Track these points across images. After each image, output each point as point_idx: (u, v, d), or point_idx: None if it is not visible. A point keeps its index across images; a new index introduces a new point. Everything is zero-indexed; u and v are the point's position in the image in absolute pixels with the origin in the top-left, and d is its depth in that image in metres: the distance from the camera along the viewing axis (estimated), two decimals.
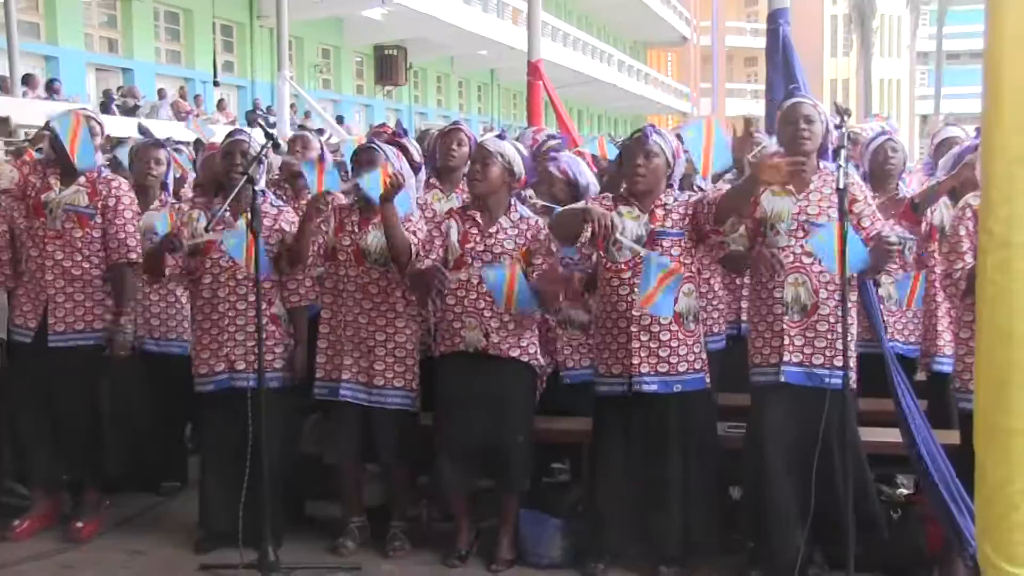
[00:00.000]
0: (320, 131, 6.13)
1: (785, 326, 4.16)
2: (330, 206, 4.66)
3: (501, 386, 4.43)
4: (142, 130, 5.59)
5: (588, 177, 5.02)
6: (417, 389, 4.61)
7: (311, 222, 4.55)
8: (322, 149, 5.81)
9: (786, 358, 4.15)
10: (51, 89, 19.20)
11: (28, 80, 18.75)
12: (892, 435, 4.29)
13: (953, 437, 4.19)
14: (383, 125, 5.55)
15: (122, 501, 5.17)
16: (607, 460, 4.39)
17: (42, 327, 4.76)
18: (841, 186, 3.73)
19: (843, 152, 3.79)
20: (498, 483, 4.56)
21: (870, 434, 4.38)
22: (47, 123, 6.11)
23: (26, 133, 15.52)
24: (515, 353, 4.43)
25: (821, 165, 4.26)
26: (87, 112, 4.99)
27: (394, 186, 4.33)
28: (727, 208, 4.13)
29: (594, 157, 5.74)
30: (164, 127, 17.01)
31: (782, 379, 4.15)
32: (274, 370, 4.58)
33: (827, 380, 4.09)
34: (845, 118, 3.98)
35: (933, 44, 49.89)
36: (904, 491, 5.04)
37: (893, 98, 56.12)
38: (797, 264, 4.16)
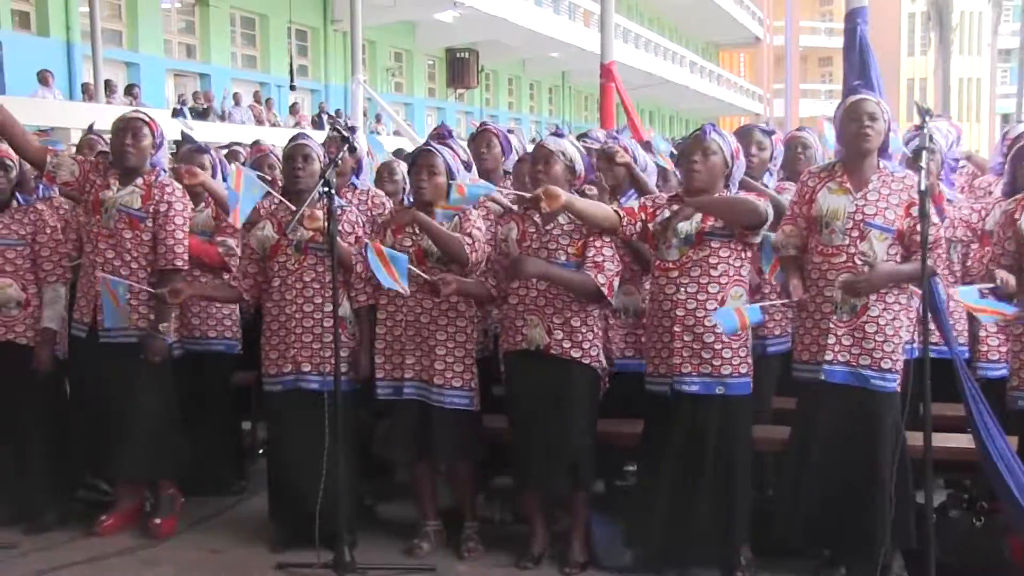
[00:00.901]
0: (352, 129, 6.13)
1: (832, 325, 4.11)
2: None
3: (563, 386, 4.42)
4: (185, 135, 5.66)
5: (646, 159, 5.03)
6: (476, 388, 4.61)
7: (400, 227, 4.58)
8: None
9: (830, 357, 4.11)
10: (130, 94, 19.65)
11: (108, 86, 19.22)
12: (958, 441, 4.25)
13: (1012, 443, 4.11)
14: (442, 125, 5.58)
15: (198, 500, 5.25)
16: (652, 461, 4.38)
17: (94, 322, 4.84)
18: (923, 187, 3.67)
19: (924, 154, 3.71)
20: (566, 484, 4.53)
21: (941, 440, 4.28)
22: (90, 126, 6.29)
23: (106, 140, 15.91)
24: (576, 354, 4.41)
25: (881, 165, 4.19)
26: (141, 115, 5.01)
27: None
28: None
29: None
30: (240, 131, 17.35)
31: (822, 377, 4.11)
32: (343, 372, 4.60)
33: (873, 382, 4.06)
34: (927, 118, 3.90)
35: (1016, 41, 48.63)
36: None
37: (972, 97, 54.91)
38: (849, 264, 4.10)
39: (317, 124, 22.47)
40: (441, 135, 5.27)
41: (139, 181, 4.84)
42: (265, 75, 26.10)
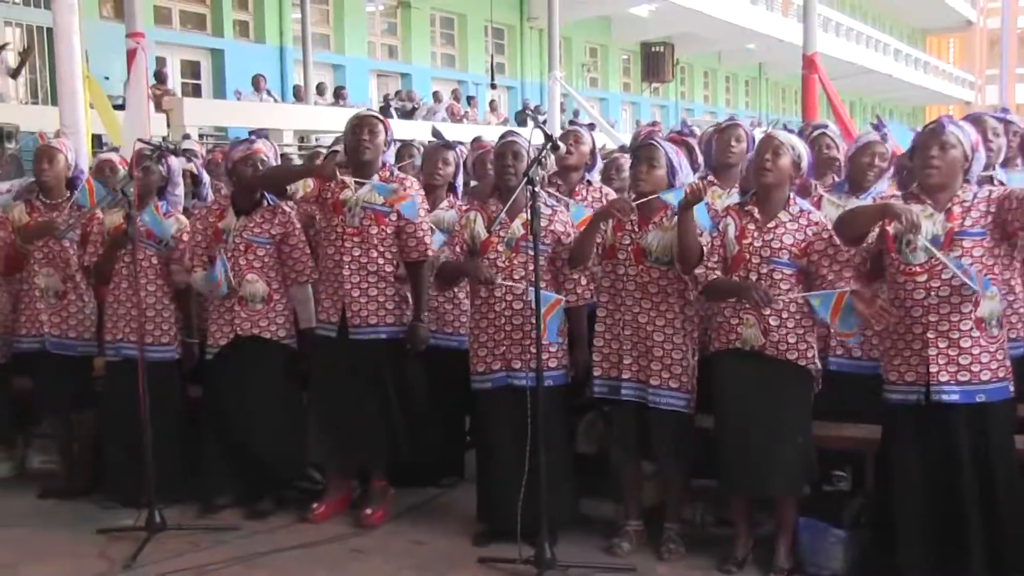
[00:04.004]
0: (591, 125, 6.10)
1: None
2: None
3: (776, 388, 4.30)
4: (435, 132, 5.79)
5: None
6: (693, 391, 4.54)
7: (599, 223, 4.56)
8: (593, 146, 5.80)
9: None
10: (338, 96, 20.45)
11: (318, 88, 20.08)
12: None
13: None
14: (654, 123, 5.50)
15: (403, 492, 5.37)
16: (901, 472, 4.17)
17: (343, 321, 5.00)
18: None
19: None
20: (776, 488, 4.42)
21: None
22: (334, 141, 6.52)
23: (317, 139, 16.61)
24: (792, 356, 4.28)
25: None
26: (374, 113, 5.18)
27: (695, 193, 4.29)
28: None
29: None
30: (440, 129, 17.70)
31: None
32: (550, 368, 4.62)
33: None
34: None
35: None
36: None
37: None
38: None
39: (519, 121, 22.74)
40: (681, 132, 5.22)
41: (375, 179, 4.97)
42: (463, 73, 26.65)
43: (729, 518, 4.66)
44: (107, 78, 13.53)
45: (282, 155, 5.37)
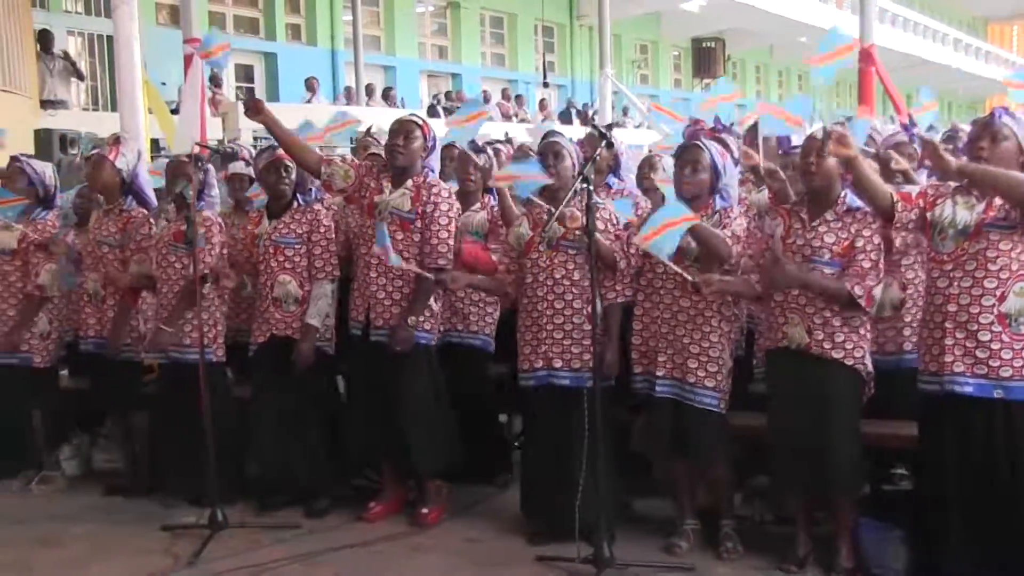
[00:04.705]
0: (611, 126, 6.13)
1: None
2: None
3: (823, 387, 4.26)
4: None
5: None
6: (726, 390, 4.52)
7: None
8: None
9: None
10: (387, 97, 20.57)
11: (368, 89, 20.22)
12: None
13: None
14: (697, 122, 5.46)
15: (458, 491, 5.39)
16: (930, 466, 4.16)
17: (368, 320, 5.04)
18: None
19: None
20: (827, 488, 4.37)
21: None
22: (368, 129, 6.59)
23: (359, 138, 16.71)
24: (838, 355, 4.24)
25: None
26: (415, 118, 5.18)
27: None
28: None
29: None
30: (490, 127, 17.76)
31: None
32: (590, 368, 4.59)
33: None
34: None
35: None
36: None
37: None
38: None
39: (564, 119, 22.71)
40: (716, 128, 5.20)
41: (409, 183, 5.00)
42: (513, 72, 26.69)
43: (788, 516, 4.63)
44: (164, 83, 13.73)
45: (338, 158, 5.37)
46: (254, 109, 5.03)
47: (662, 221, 4.19)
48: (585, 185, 4.32)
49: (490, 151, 5.86)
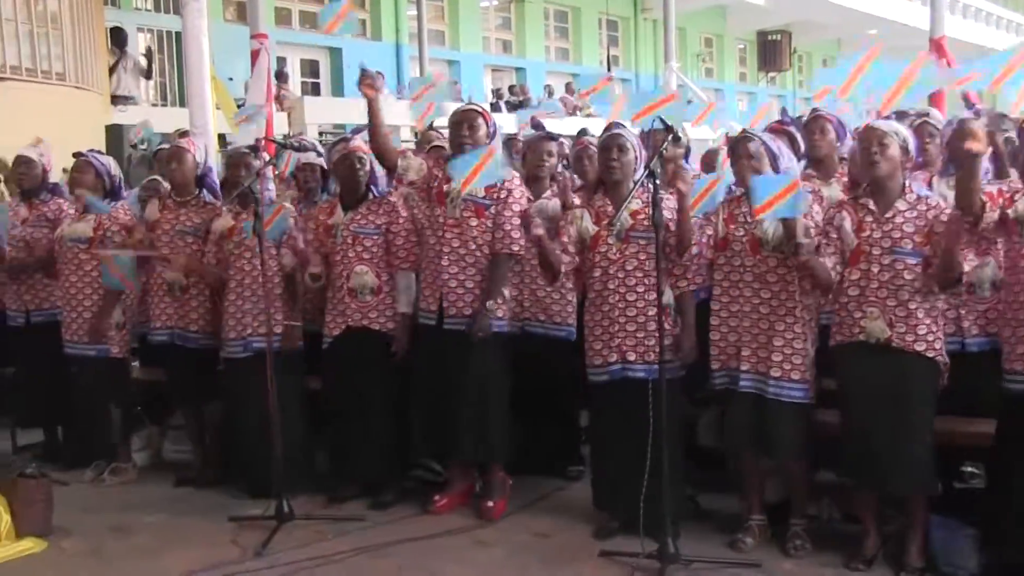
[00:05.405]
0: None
1: None
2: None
3: (903, 381, 4.18)
4: (535, 124, 5.78)
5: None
6: (812, 381, 4.45)
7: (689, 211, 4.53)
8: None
9: None
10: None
11: None
12: None
13: None
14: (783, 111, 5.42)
15: (525, 484, 5.40)
16: (1009, 466, 4.07)
17: (441, 310, 5.05)
18: None
19: None
20: (905, 485, 4.29)
21: None
22: (430, 124, 6.59)
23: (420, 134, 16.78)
24: (920, 347, 4.16)
25: None
26: (476, 107, 5.22)
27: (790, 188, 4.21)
28: None
29: None
30: (553, 123, 17.71)
31: None
32: (665, 360, 4.58)
33: None
34: None
35: None
36: None
37: None
38: None
39: None
40: (782, 122, 5.15)
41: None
42: (577, 66, 26.57)
43: (855, 514, 4.56)
44: (231, 79, 13.91)
45: (401, 151, 5.39)
46: (369, 85, 4.98)
47: (770, 194, 4.12)
48: (652, 179, 4.29)
49: (565, 141, 5.83)
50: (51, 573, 4.63)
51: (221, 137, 10.29)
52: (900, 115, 5.12)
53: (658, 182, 4.33)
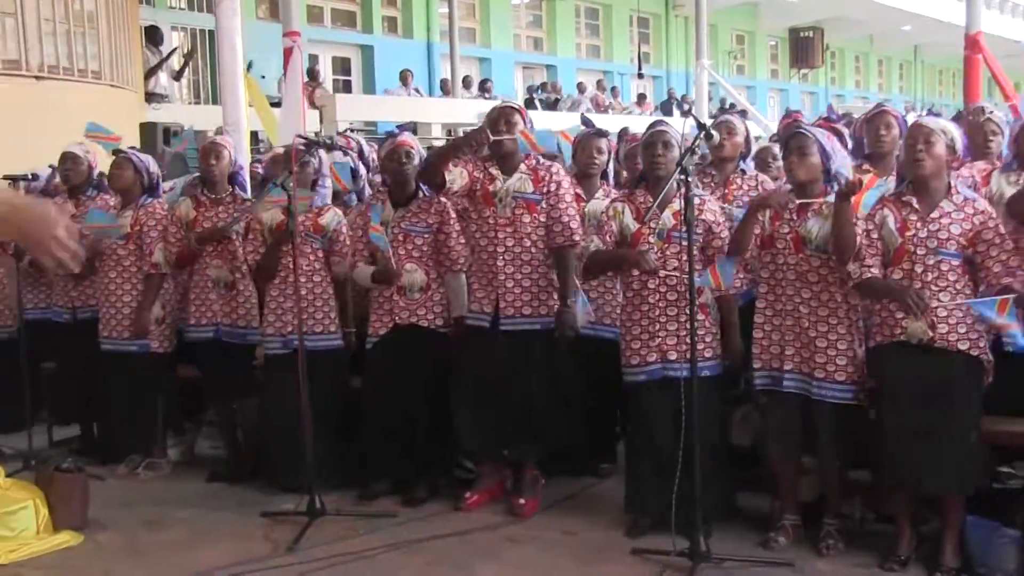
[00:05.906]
0: (743, 112, 6.00)
1: None
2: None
3: (946, 380, 4.13)
4: (585, 120, 5.78)
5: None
6: (860, 382, 4.40)
7: (756, 213, 4.48)
8: (747, 135, 5.68)
9: None
10: (483, 88, 20.66)
11: (464, 82, 20.34)
12: None
13: None
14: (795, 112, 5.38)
15: (556, 481, 5.39)
16: None
17: (496, 312, 5.04)
18: None
19: None
20: (945, 485, 4.25)
21: None
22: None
23: (464, 131, 16.84)
24: (964, 346, 4.11)
25: None
26: (512, 103, 5.22)
27: (852, 186, 4.18)
28: None
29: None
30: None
31: None
32: (704, 359, 4.57)
33: None
34: None
35: None
36: None
37: None
38: None
39: (664, 110, 22.55)
40: (829, 118, 5.12)
41: (522, 167, 5.03)
42: (608, 63, 26.57)
43: (889, 513, 4.52)
44: (263, 77, 13.99)
45: (428, 147, 5.40)
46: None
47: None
48: (685, 176, 4.27)
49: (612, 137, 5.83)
50: (87, 566, 4.68)
51: (254, 135, 10.35)
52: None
53: (690, 180, 4.31)
